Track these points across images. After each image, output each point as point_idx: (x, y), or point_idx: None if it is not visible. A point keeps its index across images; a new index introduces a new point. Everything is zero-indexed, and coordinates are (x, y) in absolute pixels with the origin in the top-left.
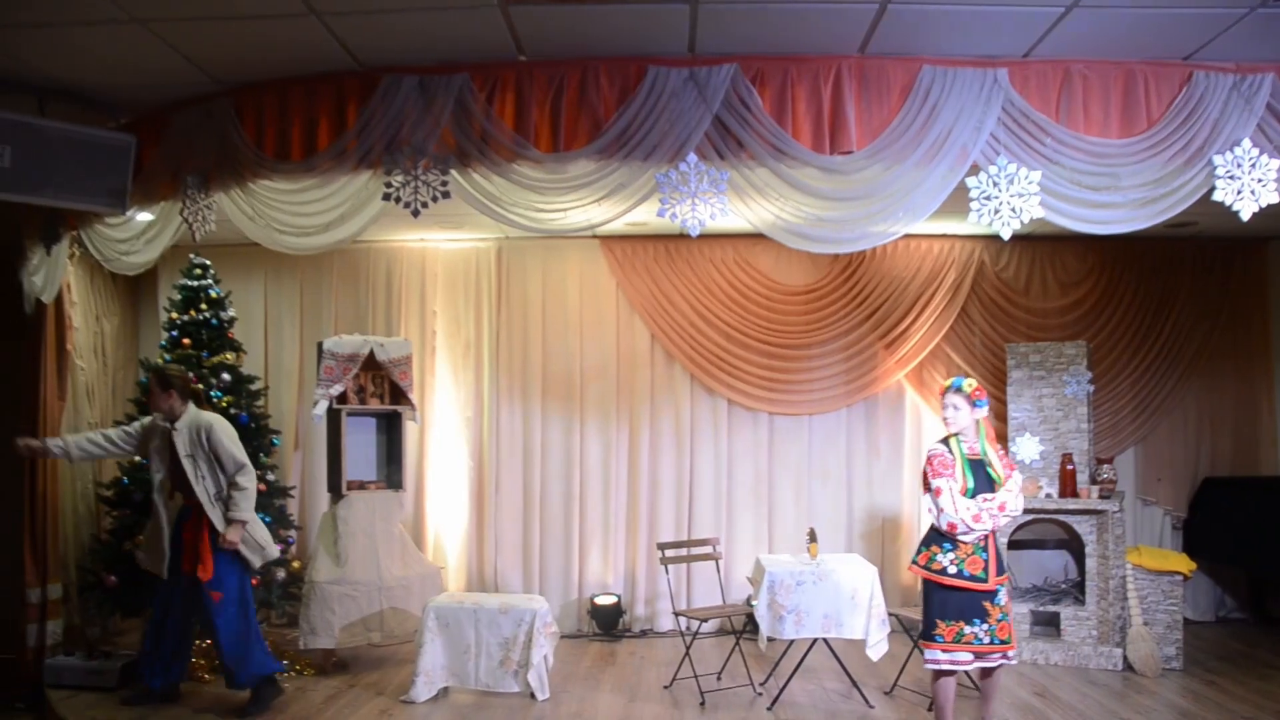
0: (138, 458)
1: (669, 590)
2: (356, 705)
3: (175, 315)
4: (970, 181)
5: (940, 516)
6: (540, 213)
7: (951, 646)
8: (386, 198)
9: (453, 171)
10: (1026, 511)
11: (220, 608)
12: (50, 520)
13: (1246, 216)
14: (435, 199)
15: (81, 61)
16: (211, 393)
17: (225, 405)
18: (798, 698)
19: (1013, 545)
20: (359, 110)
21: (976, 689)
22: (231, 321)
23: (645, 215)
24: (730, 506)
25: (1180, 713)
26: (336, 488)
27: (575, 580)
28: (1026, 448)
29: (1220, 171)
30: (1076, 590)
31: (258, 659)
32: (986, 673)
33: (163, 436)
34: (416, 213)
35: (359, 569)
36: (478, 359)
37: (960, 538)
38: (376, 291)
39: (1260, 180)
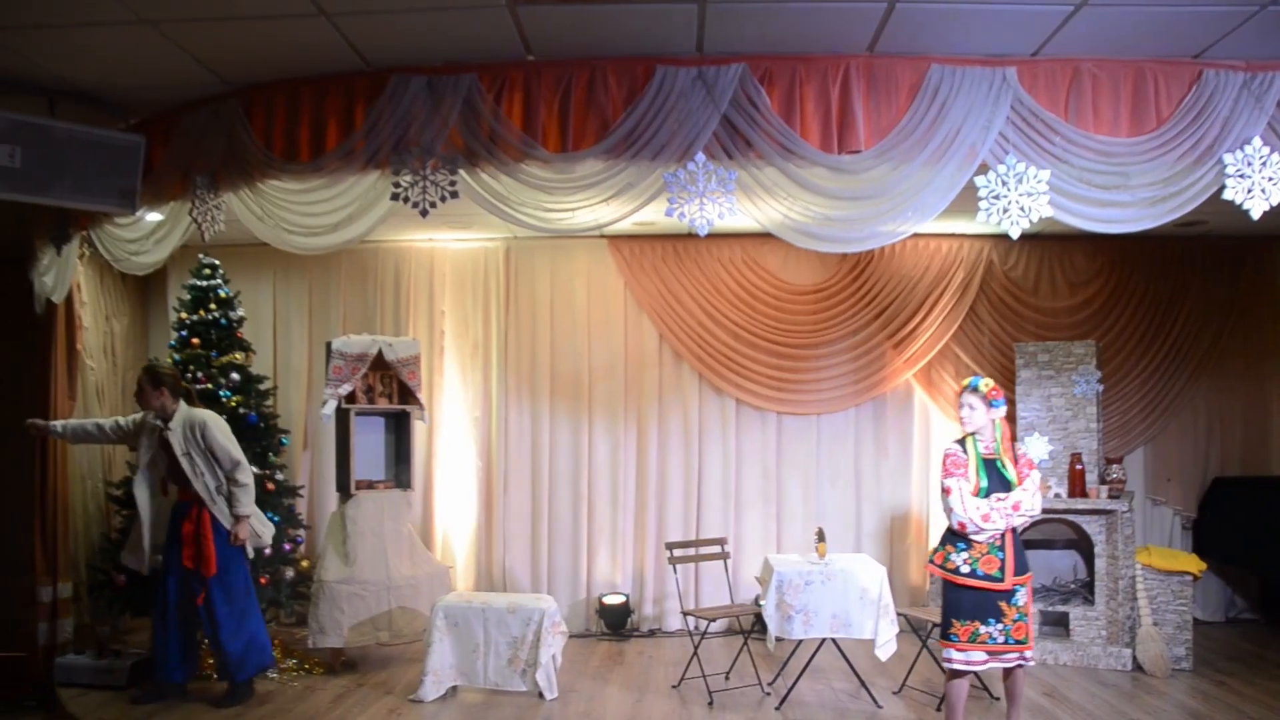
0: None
1: (677, 590)
2: (365, 704)
3: (184, 315)
4: (979, 180)
5: (951, 516)
6: (548, 212)
7: (966, 646)
8: (395, 198)
9: (461, 171)
10: None
11: (224, 599)
12: (60, 519)
13: (1257, 215)
14: (443, 199)
15: (91, 62)
16: (221, 392)
17: (234, 405)
18: (806, 697)
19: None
20: (367, 110)
21: (989, 694)
22: (240, 321)
23: (653, 215)
24: (739, 506)
25: (1190, 713)
26: (345, 487)
27: (583, 580)
28: (1035, 447)
29: (1230, 170)
30: (1085, 590)
31: (254, 660)
32: (1007, 673)
33: (157, 435)
34: (425, 213)
35: (367, 568)
36: (486, 358)
37: (972, 537)
38: (385, 291)
39: (1271, 179)
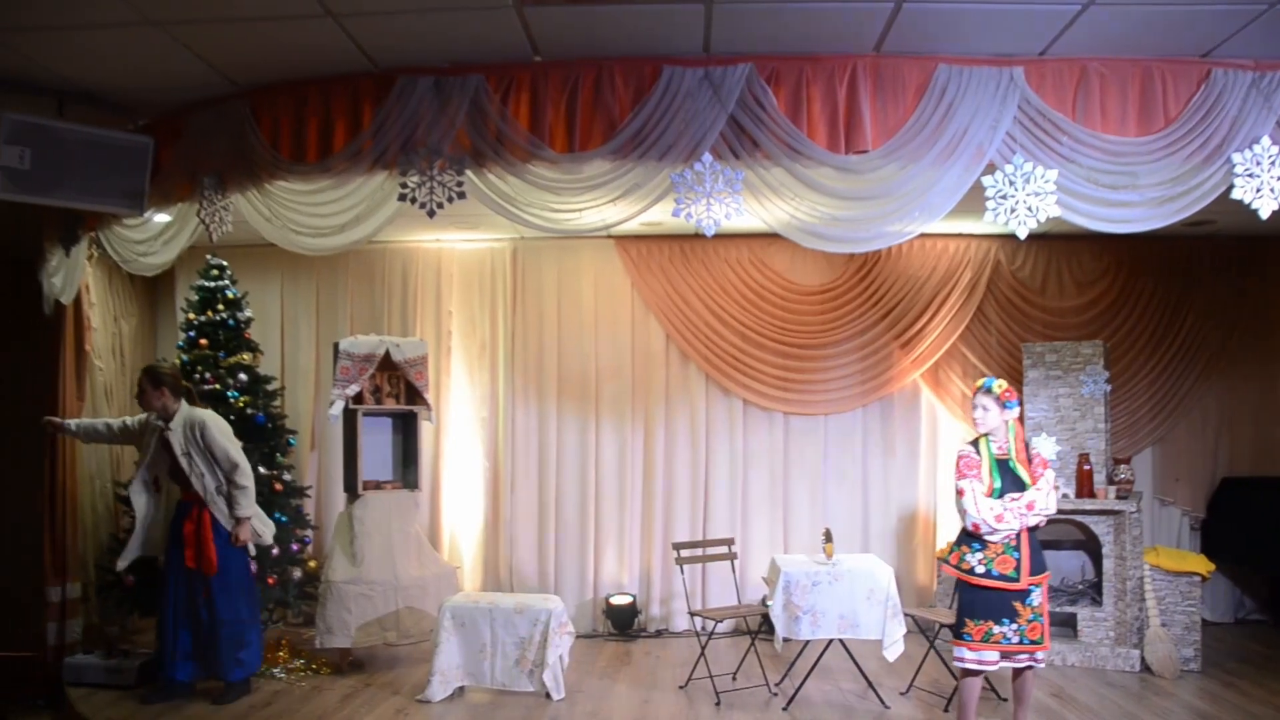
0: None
1: (684, 590)
2: (372, 704)
3: (192, 316)
4: (986, 180)
5: (965, 517)
6: (555, 213)
7: (979, 646)
8: (402, 198)
9: (468, 172)
10: None
11: (225, 599)
12: (70, 519)
13: (1266, 215)
14: (450, 199)
15: (99, 64)
16: (228, 393)
17: (242, 405)
18: (813, 698)
19: None
20: (374, 111)
21: (997, 695)
22: (248, 322)
23: (660, 215)
24: (746, 506)
25: (1198, 714)
26: (352, 487)
27: (590, 580)
28: (1043, 448)
29: (1239, 169)
30: (1094, 591)
31: (250, 660)
32: (1016, 674)
33: (158, 435)
34: (432, 213)
35: (375, 569)
36: (493, 359)
37: (986, 538)
38: (392, 292)
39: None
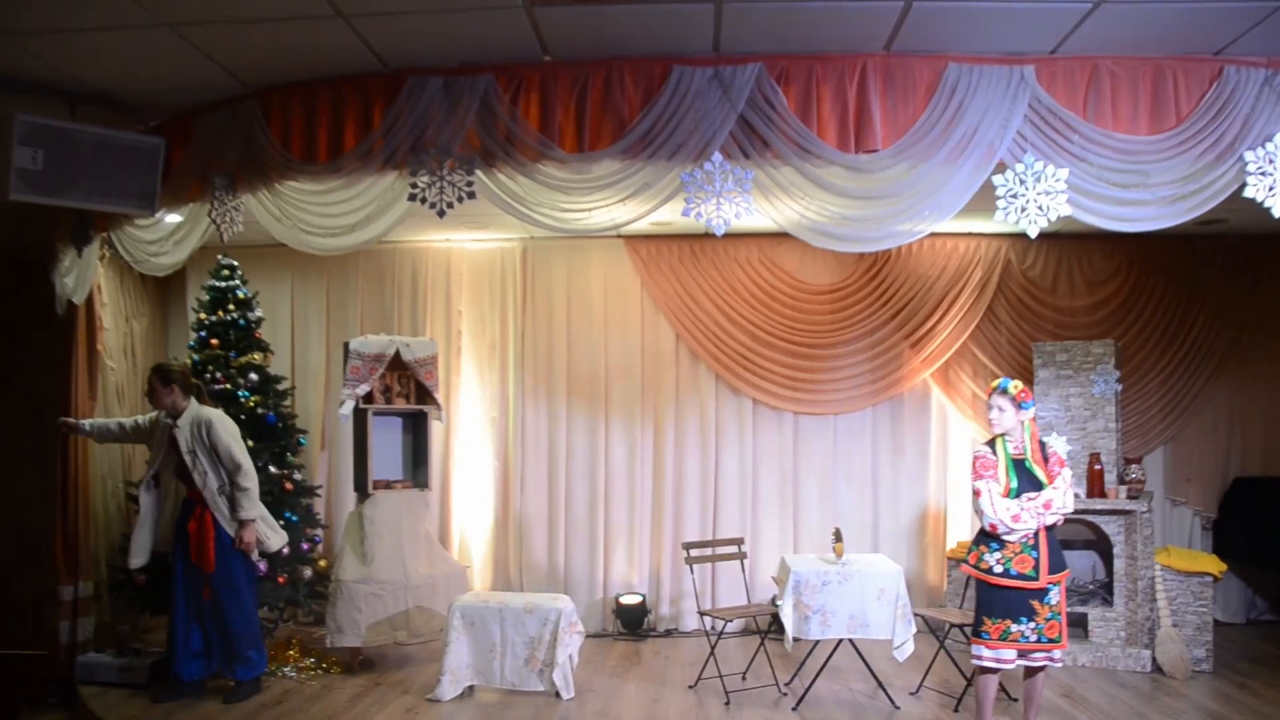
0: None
1: (694, 590)
2: (382, 704)
3: (203, 316)
4: (997, 179)
5: (982, 518)
6: (565, 213)
7: (996, 644)
8: (412, 198)
9: (478, 172)
10: None
11: (230, 598)
12: (82, 518)
13: (1278, 213)
14: (460, 199)
15: (111, 65)
16: (239, 393)
17: (252, 405)
18: (823, 697)
19: None
20: (384, 111)
21: (1007, 695)
22: (259, 322)
23: (670, 215)
24: (755, 506)
25: (1210, 715)
26: (363, 487)
27: (600, 580)
28: (1054, 447)
29: (1251, 168)
30: (1104, 591)
31: (258, 658)
32: (1029, 674)
33: (166, 432)
34: (442, 213)
35: (385, 568)
36: (503, 359)
37: (1004, 538)
38: (402, 292)
39: None
